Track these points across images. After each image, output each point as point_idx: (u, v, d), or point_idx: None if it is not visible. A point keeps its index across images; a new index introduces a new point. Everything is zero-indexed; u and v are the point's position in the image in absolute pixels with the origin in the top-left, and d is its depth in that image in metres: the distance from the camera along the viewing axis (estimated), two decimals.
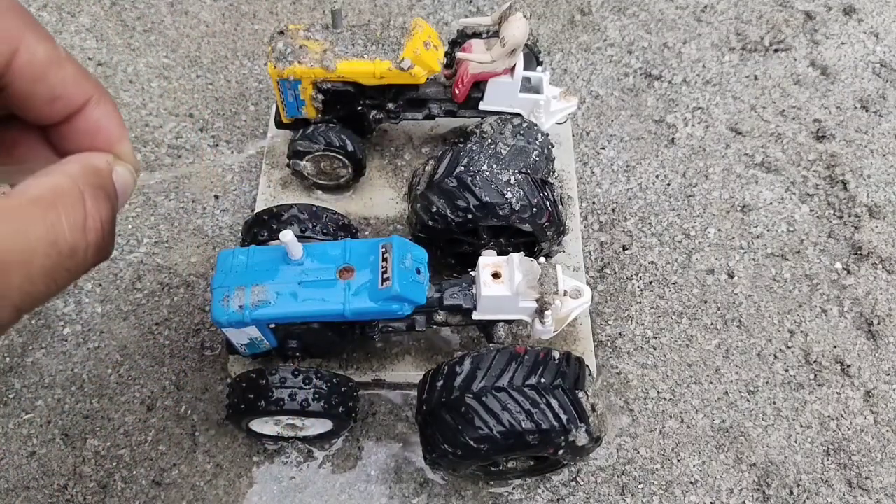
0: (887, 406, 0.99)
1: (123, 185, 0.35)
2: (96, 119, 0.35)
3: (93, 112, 0.35)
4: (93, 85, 0.35)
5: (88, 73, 0.35)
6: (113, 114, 0.36)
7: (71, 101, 0.34)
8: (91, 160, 0.34)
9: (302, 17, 1.38)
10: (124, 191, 0.35)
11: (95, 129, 0.35)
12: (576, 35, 1.38)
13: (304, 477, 0.92)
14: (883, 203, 1.17)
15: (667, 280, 1.09)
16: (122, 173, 0.35)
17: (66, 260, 0.30)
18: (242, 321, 0.76)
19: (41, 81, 0.32)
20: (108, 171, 0.34)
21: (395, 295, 0.75)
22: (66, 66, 0.33)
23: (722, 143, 1.25)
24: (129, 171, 0.36)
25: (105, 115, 0.35)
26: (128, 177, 0.36)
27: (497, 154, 0.87)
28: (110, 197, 0.33)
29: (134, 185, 0.37)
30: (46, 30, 0.33)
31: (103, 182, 0.33)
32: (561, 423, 0.72)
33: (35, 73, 0.31)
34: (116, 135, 0.36)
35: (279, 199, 1.11)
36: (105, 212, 0.32)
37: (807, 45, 1.38)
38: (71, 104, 0.34)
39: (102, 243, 0.32)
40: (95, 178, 0.33)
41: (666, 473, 0.94)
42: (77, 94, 0.34)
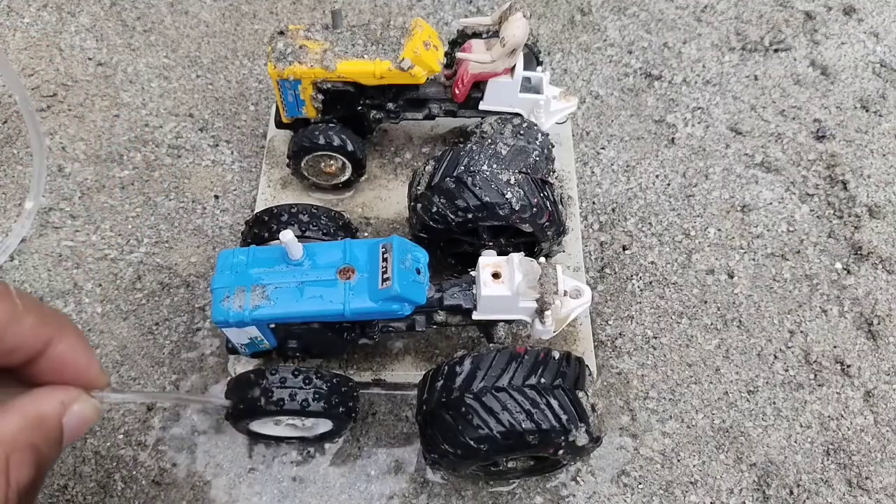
0: (887, 406, 0.99)
1: (80, 420, 0.35)
2: (59, 356, 0.35)
3: (55, 351, 0.35)
4: (54, 326, 0.35)
5: (49, 312, 0.35)
6: (77, 346, 0.36)
7: (30, 350, 0.34)
8: (40, 406, 0.34)
9: (302, 17, 1.38)
10: (80, 426, 0.35)
11: (59, 366, 0.35)
12: (576, 35, 1.38)
13: (304, 477, 0.92)
14: (883, 203, 1.17)
15: (667, 280, 1.09)
16: (80, 411, 0.35)
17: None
18: (242, 321, 0.76)
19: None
20: (57, 418, 0.34)
21: (395, 295, 0.75)
22: (22, 320, 0.33)
23: (722, 143, 1.25)
24: (90, 405, 0.36)
25: (68, 349, 0.35)
26: (87, 411, 0.36)
27: (497, 154, 0.87)
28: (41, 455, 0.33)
29: (98, 413, 0.37)
30: (3, 284, 0.33)
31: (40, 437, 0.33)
32: (561, 423, 0.72)
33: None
34: (82, 366, 0.36)
35: (279, 199, 1.11)
36: (26, 477, 0.32)
37: (807, 45, 1.38)
38: (30, 352, 0.34)
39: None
40: (30, 435, 0.32)
41: (666, 473, 0.94)
42: (35, 343, 0.34)
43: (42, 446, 0.33)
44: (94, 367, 0.37)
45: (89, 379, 0.37)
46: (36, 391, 0.35)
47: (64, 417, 0.35)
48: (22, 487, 0.31)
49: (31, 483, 0.32)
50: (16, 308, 0.33)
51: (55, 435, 0.34)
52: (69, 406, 0.35)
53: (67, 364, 0.36)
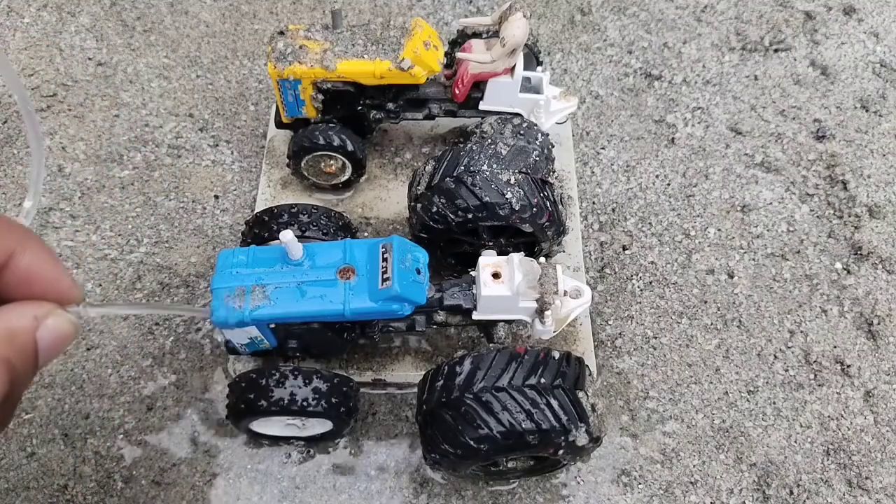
0: (887, 406, 0.99)
1: (56, 336, 0.34)
2: (24, 269, 0.33)
3: (19, 263, 0.33)
4: (14, 236, 0.33)
5: (10, 224, 0.33)
6: (42, 257, 0.34)
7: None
8: (9, 322, 0.32)
9: (302, 17, 1.38)
10: (57, 342, 0.34)
11: (26, 280, 0.33)
12: (576, 35, 1.38)
13: (304, 477, 0.92)
14: (883, 203, 1.17)
15: (667, 280, 1.09)
16: (55, 325, 0.34)
17: None
18: (242, 321, 0.76)
19: None
20: (29, 333, 0.33)
21: (395, 295, 0.75)
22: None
23: (722, 143, 1.25)
24: (66, 320, 0.34)
25: (34, 261, 0.33)
26: (63, 326, 0.34)
27: (497, 154, 0.87)
28: (14, 370, 0.31)
29: (76, 329, 0.35)
30: None
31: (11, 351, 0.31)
32: (561, 423, 0.72)
33: None
34: (51, 279, 0.34)
35: (279, 199, 1.11)
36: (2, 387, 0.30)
37: (807, 45, 1.38)
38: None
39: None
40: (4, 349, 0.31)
41: (666, 473, 0.94)
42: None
43: (14, 361, 0.31)
44: (64, 279, 0.35)
45: (61, 293, 0.35)
46: (4, 307, 0.33)
47: (38, 332, 0.33)
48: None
49: (4, 398, 0.31)
50: None
51: (29, 350, 0.33)
52: (43, 320, 0.33)
53: (35, 278, 0.33)
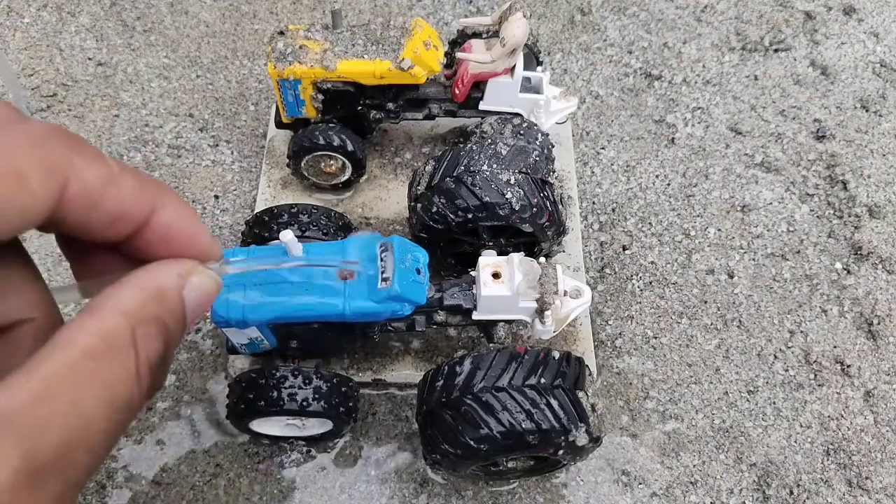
0: (887, 406, 0.99)
1: (201, 294, 0.32)
2: (165, 226, 0.31)
3: (160, 220, 0.31)
4: (154, 191, 0.31)
5: (147, 177, 0.31)
6: (183, 213, 0.32)
7: (133, 219, 0.30)
8: (157, 280, 0.30)
9: (302, 17, 1.38)
10: (202, 300, 0.32)
11: (166, 236, 0.31)
12: (576, 35, 1.38)
13: (304, 477, 0.92)
14: (883, 203, 1.17)
15: (667, 280, 1.09)
16: (200, 283, 0.32)
17: (123, 415, 0.27)
18: (242, 321, 0.76)
19: (96, 208, 0.28)
20: (177, 292, 0.31)
21: (395, 295, 0.75)
22: (121, 182, 0.29)
23: (722, 143, 1.25)
24: (209, 277, 0.33)
25: (174, 217, 0.32)
26: (207, 285, 0.32)
27: (497, 154, 0.87)
28: (167, 329, 0.30)
29: (218, 286, 0.33)
30: (94, 148, 0.29)
31: (163, 311, 0.30)
32: (561, 423, 0.72)
33: (89, 202, 0.28)
34: (191, 234, 0.32)
35: (279, 199, 1.11)
36: (154, 352, 0.29)
37: (807, 45, 1.38)
38: (134, 221, 0.30)
39: (154, 385, 0.29)
40: (153, 309, 0.29)
41: (666, 473, 0.94)
42: (138, 209, 0.30)
43: (167, 320, 0.30)
44: (205, 235, 0.33)
45: (201, 250, 0.33)
46: (148, 266, 0.31)
47: (184, 291, 0.31)
48: (153, 362, 0.29)
49: (161, 359, 0.29)
50: (111, 170, 0.29)
51: (178, 310, 0.31)
52: (187, 278, 0.32)
53: (175, 234, 0.32)
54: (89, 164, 0.28)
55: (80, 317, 0.27)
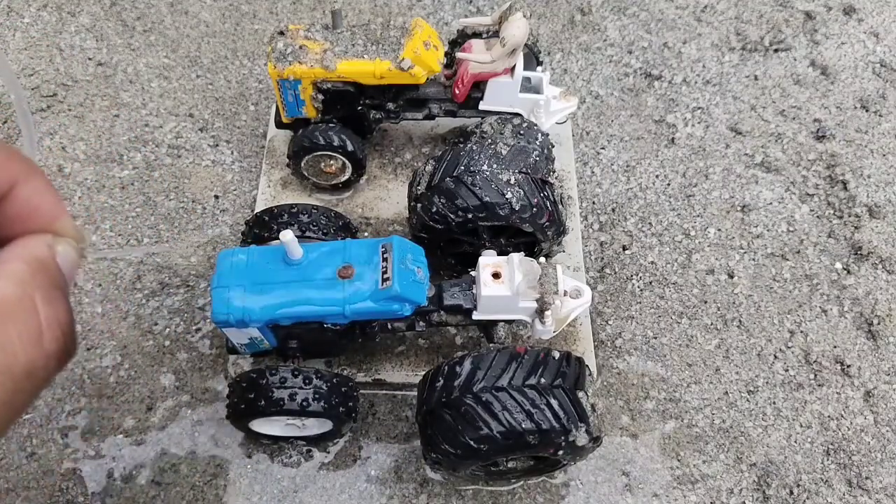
0: (887, 406, 0.99)
1: (68, 264, 0.31)
2: (26, 200, 0.30)
3: (20, 194, 0.30)
4: (17, 166, 0.30)
5: (14, 152, 0.31)
6: (45, 189, 0.31)
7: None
8: (33, 251, 0.30)
9: (302, 17, 1.38)
10: (70, 271, 0.31)
11: (27, 211, 0.31)
12: (576, 35, 1.38)
13: (304, 477, 0.92)
14: (883, 203, 1.17)
15: (667, 280, 1.09)
16: (66, 252, 0.31)
17: (24, 382, 0.26)
18: (242, 321, 0.76)
19: None
20: (53, 258, 0.30)
21: (395, 295, 0.75)
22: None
23: (722, 143, 1.25)
24: (72, 247, 0.32)
25: (36, 193, 0.31)
26: (72, 254, 0.32)
27: (497, 154, 0.87)
28: (62, 290, 0.29)
29: (80, 261, 0.32)
30: None
31: (52, 275, 0.29)
32: (561, 423, 0.72)
33: None
34: (53, 212, 0.31)
35: (279, 199, 1.11)
36: (62, 312, 0.28)
37: (807, 45, 1.38)
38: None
39: (65, 348, 0.28)
40: (44, 274, 0.29)
41: (666, 473, 0.94)
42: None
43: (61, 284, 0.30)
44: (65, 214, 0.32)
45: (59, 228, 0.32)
46: (19, 240, 0.30)
47: (58, 258, 0.31)
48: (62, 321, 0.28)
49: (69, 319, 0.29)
50: None
51: (60, 276, 0.30)
52: (55, 248, 0.31)
53: (35, 211, 0.31)
54: None
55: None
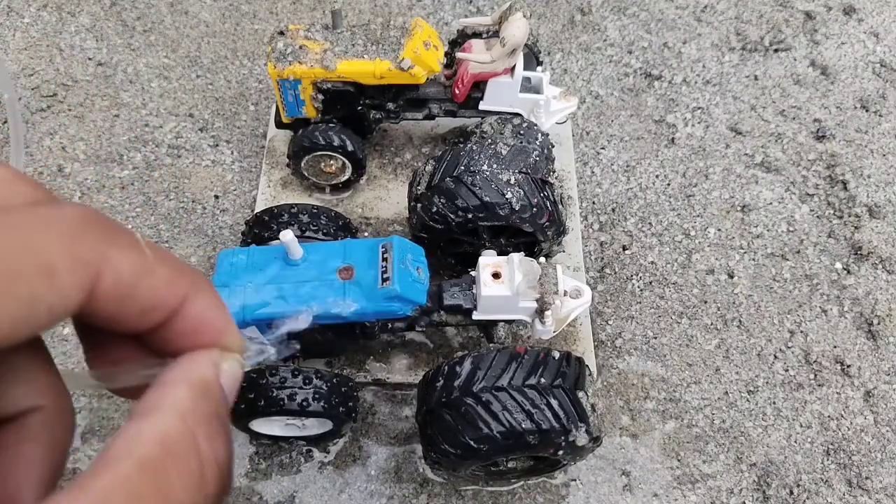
0: (887, 406, 0.99)
1: (232, 383, 0.30)
2: (195, 316, 0.29)
3: (190, 310, 0.29)
4: (188, 280, 0.29)
5: (181, 264, 0.29)
6: (213, 304, 0.30)
7: (164, 309, 0.28)
8: (198, 373, 0.29)
9: (302, 17, 1.38)
10: (233, 390, 0.30)
11: (195, 327, 0.30)
12: (576, 35, 1.38)
13: (304, 477, 0.92)
14: (883, 203, 1.17)
15: (667, 280, 1.09)
16: (230, 370, 0.30)
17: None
18: (242, 321, 0.76)
19: (129, 299, 0.26)
20: (217, 382, 0.29)
21: (396, 295, 0.75)
22: (156, 272, 0.27)
23: (722, 143, 1.25)
24: (237, 362, 0.31)
25: (205, 308, 0.30)
26: (236, 370, 0.31)
27: (497, 154, 0.87)
28: (224, 420, 0.28)
29: (242, 374, 0.31)
30: (129, 233, 0.27)
31: (215, 402, 0.28)
32: (561, 423, 0.72)
33: (121, 293, 0.26)
34: (220, 326, 0.30)
35: (279, 199, 1.11)
36: (222, 449, 0.27)
37: (807, 45, 1.38)
38: (164, 311, 0.28)
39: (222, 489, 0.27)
40: (207, 404, 0.28)
41: (666, 473, 0.94)
42: (170, 299, 0.28)
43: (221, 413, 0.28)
44: (232, 329, 0.31)
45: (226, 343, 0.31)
46: (185, 358, 0.29)
47: (221, 379, 0.30)
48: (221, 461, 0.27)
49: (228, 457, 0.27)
50: (146, 260, 0.27)
51: (223, 398, 0.29)
52: (220, 367, 0.30)
53: (204, 325, 0.30)
54: (123, 255, 0.26)
55: (134, 422, 0.26)
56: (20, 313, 0.22)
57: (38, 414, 0.28)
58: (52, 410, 0.28)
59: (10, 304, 0.22)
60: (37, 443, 0.27)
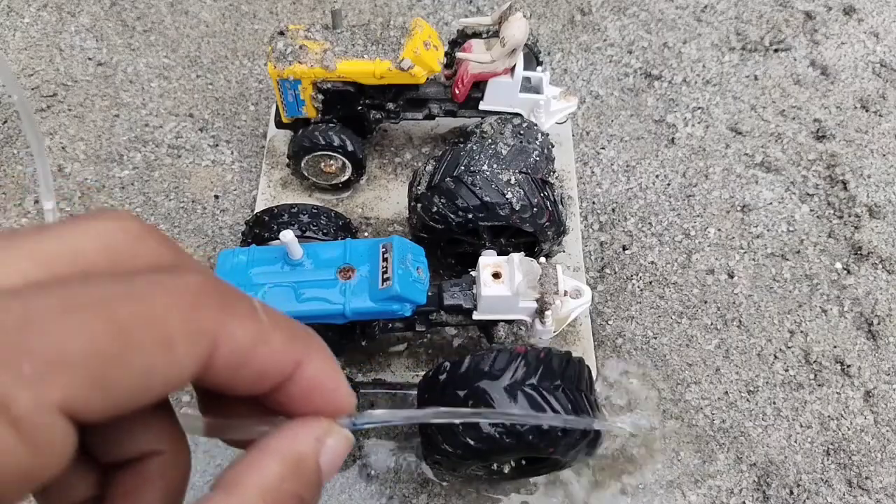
0: (887, 406, 0.99)
1: (336, 456, 0.30)
2: (309, 380, 0.29)
3: (304, 374, 0.29)
4: (302, 345, 0.29)
5: (296, 327, 0.29)
6: (327, 367, 0.30)
7: (279, 374, 0.28)
8: (296, 448, 0.28)
9: (302, 17, 1.38)
10: (336, 463, 0.30)
11: (308, 390, 0.29)
12: (576, 35, 1.38)
13: None
14: (883, 203, 1.17)
15: (667, 280, 1.09)
16: (335, 446, 0.30)
17: None
18: None
19: (244, 367, 0.26)
20: (314, 459, 0.29)
21: (396, 295, 0.75)
22: (271, 339, 0.27)
23: (722, 143, 1.25)
24: (344, 438, 0.31)
25: (318, 371, 0.29)
26: (341, 447, 0.30)
27: (497, 154, 0.87)
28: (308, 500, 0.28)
29: (350, 446, 0.31)
30: (247, 300, 0.27)
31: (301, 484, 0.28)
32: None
33: (238, 361, 0.26)
34: (332, 389, 0.30)
35: (279, 199, 1.11)
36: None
37: (807, 45, 1.38)
38: (277, 378, 0.28)
39: None
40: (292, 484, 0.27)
41: (666, 473, 0.94)
42: (285, 365, 0.28)
43: (305, 495, 0.28)
44: (344, 389, 0.31)
45: (339, 404, 0.31)
46: (286, 429, 0.29)
47: (321, 457, 0.29)
48: None
49: None
50: (262, 326, 0.27)
51: (316, 480, 0.29)
52: (324, 442, 0.29)
53: (317, 388, 0.30)
54: (241, 324, 0.26)
55: (217, 494, 0.26)
56: (137, 385, 0.23)
57: (157, 458, 0.29)
58: (171, 456, 0.29)
59: (127, 377, 0.22)
60: (155, 487, 0.27)
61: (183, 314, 0.24)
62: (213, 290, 0.25)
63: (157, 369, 0.23)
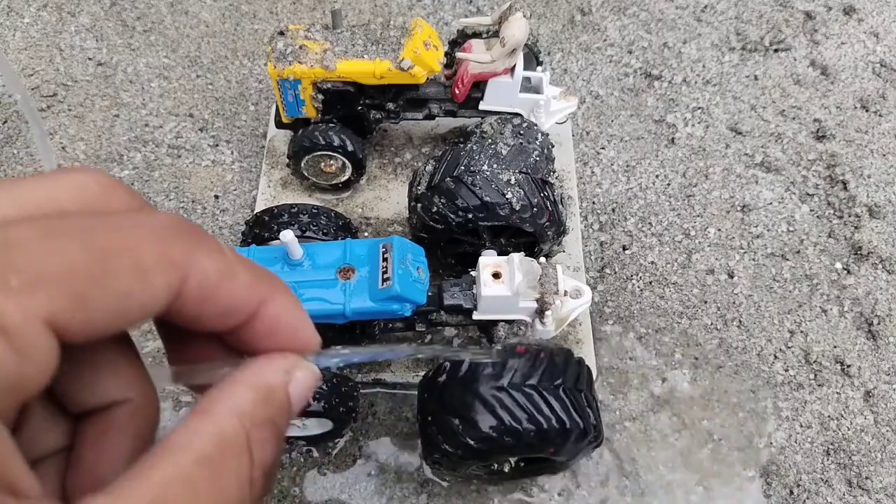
0: (887, 406, 0.99)
1: (302, 392, 0.31)
2: (272, 317, 0.30)
3: (269, 312, 0.30)
4: (267, 283, 0.30)
5: (259, 268, 0.31)
6: (290, 306, 0.31)
7: (243, 311, 0.29)
8: (264, 377, 0.30)
9: (302, 17, 1.38)
10: (304, 395, 0.31)
11: (273, 328, 0.31)
12: (576, 35, 1.38)
13: (304, 477, 0.92)
14: (883, 203, 1.17)
15: (667, 280, 1.09)
16: (303, 378, 0.31)
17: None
18: None
19: (210, 302, 0.28)
20: (284, 389, 0.30)
21: (396, 295, 0.75)
22: (237, 275, 0.29)
23: (722, 143, 1.25)
24: (311, 372, 0.32)
25: (282, 310, 0.31)
26: (309, 380, 0.32)
27: (497, 154, 0.87)
28: (278, 430, 0.29)
29: (317, 380, 0.33)
30: (213, 238, 0.28)
31: (275, 409, 0.29)
32: (561, 422, 0.72)
33: (204, 295, 0.27)
34: (297, 328, 0.32)
35: (279, 199, 1.11)
36: (270, 454, 0.28)
37: (807, 45, 1.38)
38: (244, 314, 0.30)
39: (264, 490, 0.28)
40: (266, 407, 0.29)
41: (666, 473, 0.94)
42: (250, 300, 0.29)
43: (278, 420, 0.29)
44: (308, 328, 0.32)
45: (304, 342, 0.32)
46: (257, 360, 0.30)
47: (290, 387, 0.31)
48: (267, 466, 0.28)
49: (273, 463, 0.29)
50: (228, 260, 0.28)
51: (287, 407, 0.30)
52: (292, 374, 0.31)
53: (281, 326, 0.31)
54: (209, 258, 0.27)
55: (193, 418, 0.27)
56: (114, 307, 0.24)
57: (125, 406, 0.29)
58: (139, 403, 0.30)
59: (105, 298, 0.23)
60: (122, 433, 0.28)
61: (155, 246, 0.25)
62: (183, 226, 0.27)
63: (134, 295, 0.24)
